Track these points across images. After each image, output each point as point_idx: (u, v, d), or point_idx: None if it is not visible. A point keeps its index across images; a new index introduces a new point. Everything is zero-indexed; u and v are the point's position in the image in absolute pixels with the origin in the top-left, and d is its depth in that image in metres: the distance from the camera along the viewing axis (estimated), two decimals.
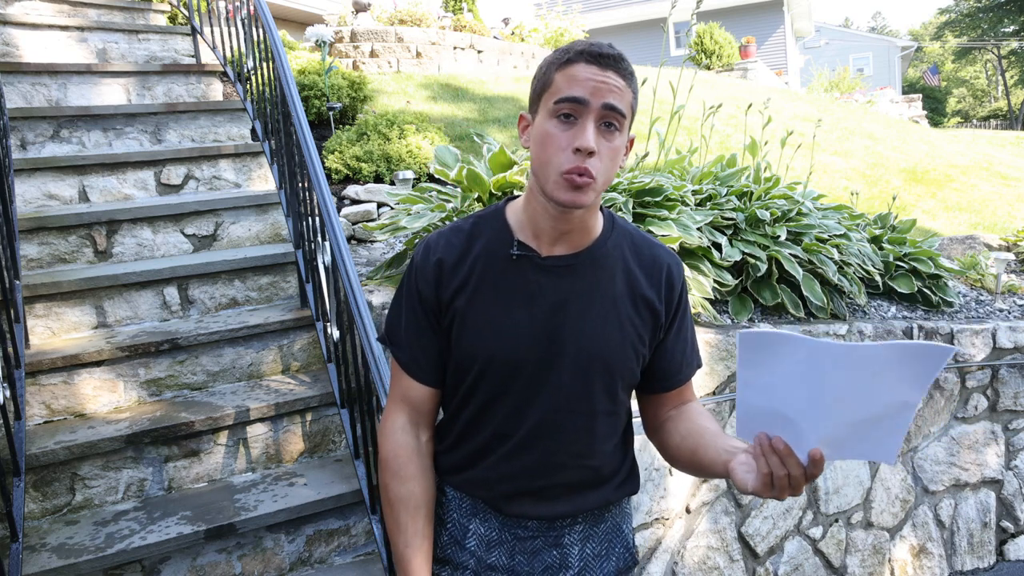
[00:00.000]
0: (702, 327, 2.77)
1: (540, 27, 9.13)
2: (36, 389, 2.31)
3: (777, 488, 0.96)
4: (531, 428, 1.18)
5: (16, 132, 3.32)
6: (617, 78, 1.08)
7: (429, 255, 1.21)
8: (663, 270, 1.23)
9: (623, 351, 1.19)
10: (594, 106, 1.06)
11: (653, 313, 1.21)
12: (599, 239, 1.20)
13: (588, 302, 1.17)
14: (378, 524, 2.04)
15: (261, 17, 2.95)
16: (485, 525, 1.25)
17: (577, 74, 1.07)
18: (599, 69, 1.07)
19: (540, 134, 1.10)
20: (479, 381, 1.19)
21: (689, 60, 13.26)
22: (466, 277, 1.18)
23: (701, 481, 2.70)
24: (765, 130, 3.95)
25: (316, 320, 2.54)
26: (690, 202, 3.03)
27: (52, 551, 1.92)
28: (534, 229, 1.17)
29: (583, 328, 1.16)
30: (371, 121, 3.96)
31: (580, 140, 1.06)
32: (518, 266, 1.17)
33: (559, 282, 1.17)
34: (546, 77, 1.12)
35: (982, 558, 3.49)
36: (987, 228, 4.85)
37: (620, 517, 1.33)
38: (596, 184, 1.08)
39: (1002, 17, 31.82)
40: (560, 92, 1.08)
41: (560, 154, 1.07)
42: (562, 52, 1.11)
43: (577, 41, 1.13)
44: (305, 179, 2.46)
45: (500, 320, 1.17)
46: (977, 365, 3.34)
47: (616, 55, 1.10)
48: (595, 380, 1.18)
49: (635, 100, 1.13)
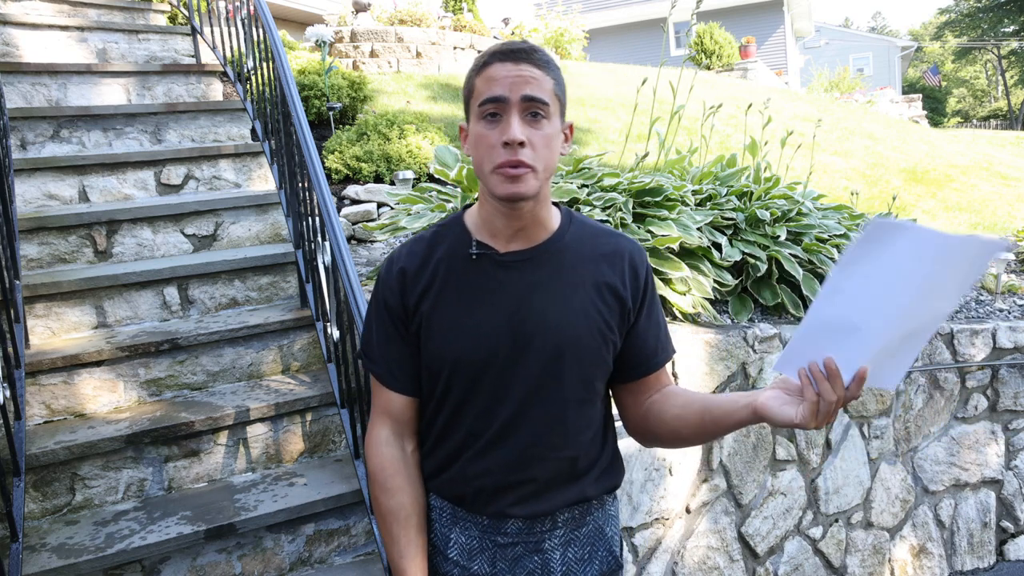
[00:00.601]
0: (702, 327, 2.77)
1: (540, 27, 9.13)
2: (36, 389, 2.31)
3: (822, 414, 1.03)
4: (504, 422, 1.20)
5: (16, 132, 3.32)
6: (532, 69, 1.12)
7: (392, 266, 1.25)
8: (625, 258, 1.25)
9: (591, 338, 1.20)
10: (514, 100, 1.10)
11: (619, 300, 1.23)
12: (557, 233, 1.23)
13: (551, 293, 1.19)
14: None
15: (261, 17, 2.95)
16: (466, 534, 1.26)
17: (494, 74, 1.12)
18: (513, 64, 1.11)
19: (473, 138, 1.15)
20: (451, 382, 1.21)
21: (689, 60, 13.26)
22: (429, 281, 1.22)
23: (701, 481, 2.70)
24: (765, 130, 3.95)
25: (316, 320, 2.54)
26: (690, 202, 3.03)
27: (52, 551, 1.92)
28: (490, 229, 1.21)
29: (548, 319, 1.18)
30: (371, 121, 3.96)
31: (506, 134, 1.10)
32: (479, 265, 1.20)
33: (520, 276, 1.20)
34: (469, 84, 1.17)
35: (982, 558, 3.49)
36: (987, 228, 4.85)
37: (603, 519, 1.32)
38: (536, 172, 1.12)
39: (1002, 17, 31.81)
40: (482, 95, 1.13)
41: (492, 151, 1.12)
42: (479, 58, 1.16)
43: (494, 44, 1.18)
44: (305, 179, 2.46)
45: (464, 320, 1.19)
46: (977, 365, 3.34)
47: (528, 48, 1.13)
48: (564, 369, 1.19)
49: (559, 88, 1.16)
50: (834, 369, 1.01)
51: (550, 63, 1.15)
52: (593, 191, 2.88)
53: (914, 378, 3.22)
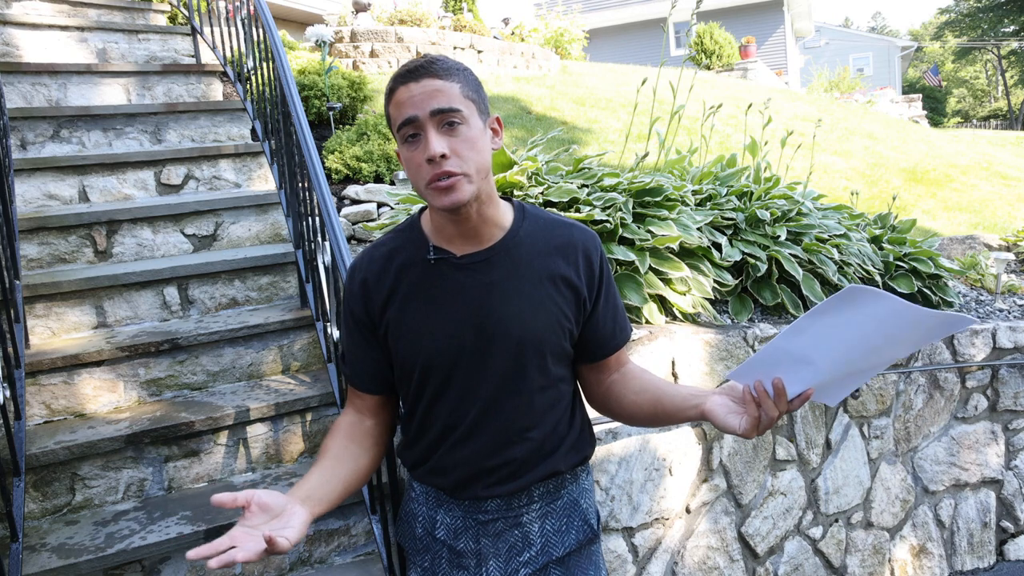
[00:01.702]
0: (702, 327, 2.77)
1: (540, 27, 9.13)
2: (36, 389, 2.31)
3: (763, 427, 1.13)
4: (477, 415, 1.26)
5: (16, 132, 3.32)
6: (434, 81, 1.14)
7: (355, 276, 1.31)
8: (578, 248, 1.29)
9: (550, 330, 1.26)
10: (424, 116, 1.14)
11: (573, 290, 1.28)
12: (510, 230, 1.27)
13: (509, 291, 1.24)
14: (378, 524, 2.04)
15: (261, 17, 2.95)
16: (450, 515, 1.34)
17: (401, 98, 1.16)
18: (415, 83, 1.15)
19: (404, 162, 1.20)
20: (423, 381, 1.27)
21: (689, 60, 13.26)
22: (392, 288, 1.27)
23: (701, 481, 2.70)
24: (765, 130, 3.95)
25: (316, 320, 2.54)
26: (690, 202, 3.03)
27: (52, 551, 1.92)
28: (445, 235, 1.26)
29: (508, 315, 1.24)
30: (371, 121, 3.96)
31: (426, 151, 1.14)
32: (438, 269, 1.25)
33: (479, 277, 1.24)
34: (387, 113, 1.21)
35: (982, 558, 3.49)
36: (987, 228, 4.85)
37: (577, 493, 1.39)
38: (469, 176, 1.15)
39: (1002, 17, 31.82)
40: (397, 120, 1.17)
41: (420, 170, 1.16)
42: (388, 86, 1.20)
43: (398, 68, 1.20)
44: (305, 179, 2.46)
45: (430, 323, 1.25)
46: (977, 365, 3.34)
47: (424, 63, 1.16)
48: (527, 361, 1.25)
49: (469, 88, 1.19)
50: (781, 389, 1.11)
51: (452, 68, 1.17)
52: (593, 191, 2.88)
53: (914, 378, 3.22)
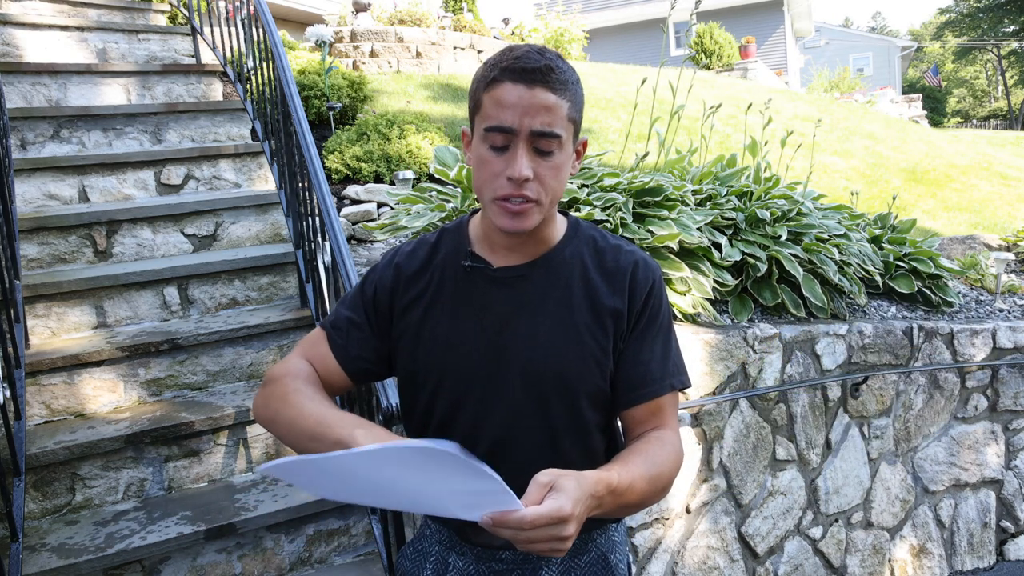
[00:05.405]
0: (702, 327, 2.77)
1: (540, 27, 9.13)
2: (36, 389, 2.31)
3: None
4: (490, 446, 1.12)
5: (16, 132, 3.32)
6: (547, 94, 1.01)
7: (392, 260, 1.20)
8: (626, 275, 1.14)
9: (582, 364, 1.11)
10: (523, 133, 1.01)
11: (616, 322, 1.12)
12: (557, 246, 1.15)
13: (539, 314, 1.12)
14: (378, 524, 2.04)
15: (261, 17, 2.95)
16: (463, 559, 1.20)
17: (503, 98, 1.01)
18: (526, 88, 1.00)
19: (476, 158, 1.07)
20: (435, 397, 1.15)
21: (689, 60, 13.26)
22: (423, 289, 1.16)
23: (701, 481, 2.70)
24: (765, 130, 3.94)
25: (316, 320, 2.54)
26: (690, 202, 3.03)
27: (52, 551, 1.92)
28: (489, 242, 1.15)
29: (532, 341, 1.11)
30: (371, 121, 3.96)
31: (511, 169, 1.02)
32: (470, 278, 1.14)
33: (510, 293, 1.13)
34: (476, 97, 1.06)
35: (982, 558, 3.49)
36: (987, 228, 4.85)
37: (607, 547, 1.23)
38: (541, 206, 1.05)
39: (1002, 17, 31.81)
40: (488, 119, 1.03)
41: (495, 180, 1.04)
42: (490, 67, 1.04)
43: (508, 49, 1.05)
44: (305, 179, 2.46)
45: (451, 335, 1.13)
46: (977, 365, 3.34)
47: (543, 67, 1.01)
48: (549, 395, 1.11)
49: (575, 109, 1.06)
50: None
51: (567, 83, 1.03)
52: (593, 191, 2.88)
53: (914, 378, 3.22)
